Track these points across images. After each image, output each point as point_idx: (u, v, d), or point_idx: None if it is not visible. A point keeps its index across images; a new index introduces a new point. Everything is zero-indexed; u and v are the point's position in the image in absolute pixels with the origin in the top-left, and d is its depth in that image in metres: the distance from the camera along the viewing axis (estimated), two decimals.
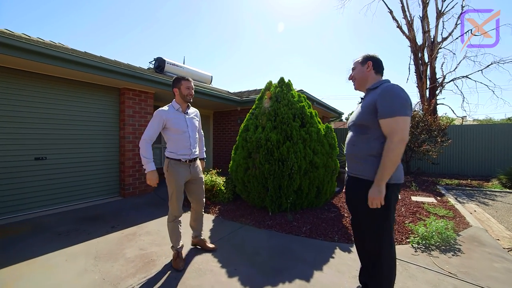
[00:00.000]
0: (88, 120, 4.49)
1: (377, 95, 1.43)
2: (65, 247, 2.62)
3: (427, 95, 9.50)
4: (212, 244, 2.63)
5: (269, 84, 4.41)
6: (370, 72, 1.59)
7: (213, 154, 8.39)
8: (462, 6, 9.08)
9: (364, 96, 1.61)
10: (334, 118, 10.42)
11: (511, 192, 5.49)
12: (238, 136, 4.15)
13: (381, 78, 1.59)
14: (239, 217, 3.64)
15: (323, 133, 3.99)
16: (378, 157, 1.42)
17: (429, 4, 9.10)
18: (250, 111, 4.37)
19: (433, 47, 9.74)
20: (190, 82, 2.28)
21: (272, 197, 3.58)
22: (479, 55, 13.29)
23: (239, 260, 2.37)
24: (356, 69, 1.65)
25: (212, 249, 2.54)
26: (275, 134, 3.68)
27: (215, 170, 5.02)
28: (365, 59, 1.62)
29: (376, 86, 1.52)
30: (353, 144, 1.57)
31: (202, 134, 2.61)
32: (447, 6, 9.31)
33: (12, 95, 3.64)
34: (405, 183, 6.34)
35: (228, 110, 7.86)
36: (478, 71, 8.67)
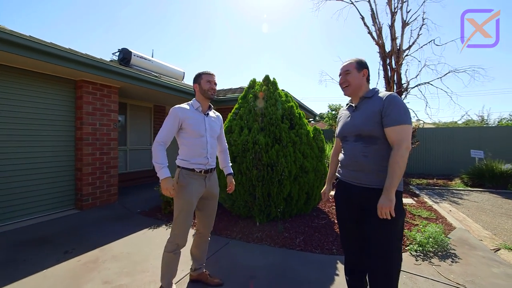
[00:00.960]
0: (33, 118, 3.66)
1: (381, 104, 1.42)
2: None
3: None
4: (216, 278, 2.07)
5: (253, 82, 4.08)
6: (364, 80, 1.56)
7: None
8: (423, 19, 9.82)
9: (358, 105, 1.56)
10: (309, 120, 10.52)
11: (473, 190, 5.96)
12: None
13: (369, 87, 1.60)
14: (223, 230, 3.23)
15: (311, 135, 3.79)
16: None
17: (397, 13, 9.61)
18: (232, 110, 3.98)
19: (399, 54, 10.31)
20: (212, 75, 1.88)
21: (261, 206, 3.25)
22: (437, 65, 14.79)
23: None
24: (352, 74, 1.56)
25: (218, 285, 2.01)
26: (263, 137, 3.36)
27: None
28: (361, 65, 1.56)
29: (372, 95, 1.51)
30: (365, 156, 1.47)
31: (226, 142, 2.18)
32: (410, 17, 9.94)
33: None
34: None
35: None
36: (438, 78, 9.42)
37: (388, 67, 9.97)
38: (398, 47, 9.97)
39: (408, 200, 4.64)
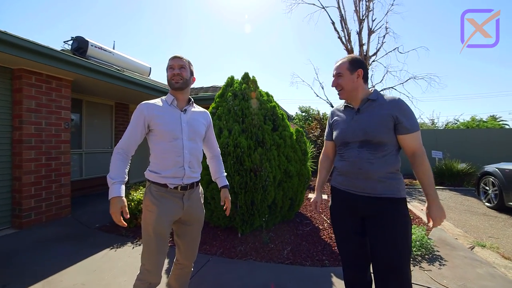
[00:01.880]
0: None
1: (390, 108, 1.33)
2: None
3: None
4: None
5: (231, 80, 3.77)
6: (360, 81, 1.42)
7: None
8: (386, 28, 10.49)
9: (361, 108, 1.41)
10: None
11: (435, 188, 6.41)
12: None
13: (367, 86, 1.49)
14: (201, 244, 2.85)
15: (294, 137, 3.61)
16: (396, 173, 1.34)
17: (364, 21, 10.09)
18: (209, 110, 3.62)
19: (366, 59, 10.82)
20: (174, 59, 1.45)
21: (244, 215, 2.95)
22: (399, 71, 16.19)
23: None
24: (345, 77, 1.42)
25: None
26: (245, 139, 3.07)
27: None
28: (354, 66, 1.41)
29: (376, 97, 1.39)
30: (370, 163, 1.34)
31: (218, 146, 1.75)
32: (376, 25, 10.54)
33: None
34: None
35: None
36: (400, 83, 10.12)
37: None
38: (365, 53, 10.50)
39: None
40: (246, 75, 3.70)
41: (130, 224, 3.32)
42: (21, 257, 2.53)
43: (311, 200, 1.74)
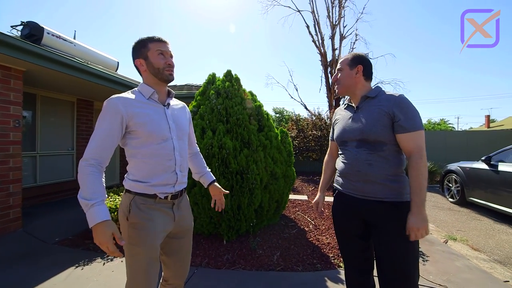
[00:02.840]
0: None
1: (389, 106, 1.26)
2: None
3: (334, 105, 10.97)
4: None
5: (213, 77, 3.57)
6: (359, 78, 1.37)
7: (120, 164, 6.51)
8: (356, 35, 11.08)
9: (360, 105, 1.37)
10: None
11: None
12: None
13: (370, 84, 1.43)
14: None
15: (279, 138, 3.53)
16: (398, 175, 1.28)
17: (337, 26, 10.52)
18: (190, 108, 3.37)
19: (337, 64, 11.28)
20: (166, 44, 1.20)
21: (230, 221, 2.77)
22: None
23: None
24: (344, 71, 1.40)
25: None
26: (230, 140, 2.90)
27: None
28: (355, 62, 1.38)
29: (375, 94, 1.34)
30: (369, 164, 1.29)
31: (195, 141, 1.55)
32: (347, 32, 11.07)
33: None
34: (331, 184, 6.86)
35: None
36: None
37: (330, 75, 10.82)
38: (337, 57, 10.95)
39: None
40: (228, 73, 3.53)
41: None
42: None
43: (313, 201, 1.67)
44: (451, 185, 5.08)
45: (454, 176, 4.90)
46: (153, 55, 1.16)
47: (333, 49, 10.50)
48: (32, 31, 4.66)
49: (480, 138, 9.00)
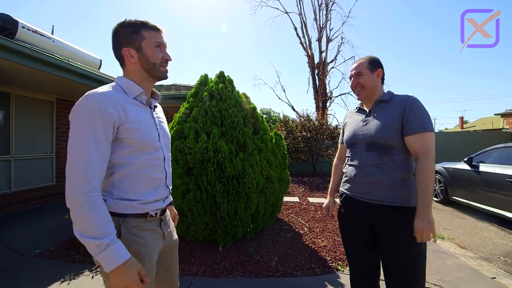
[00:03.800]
0: None
1: (401, 109, 1.27)
2: None
3: (321, 106, 11.15)
4: None
5: (205, 78, 3.48)
6: (379, 81, 1.40)
7: None
8: (342, 38, 11.33)
9: (373, 109, 1.38)
10: None
11: None
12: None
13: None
14: (179, 264, 2.50)
15: (274, 141, 3.50)
16: (406, 180, 1.27)
17: (324, 29, 10.69)
18: (181, 110, 3.26)
19: (325, 66, 11.44)
20: (162, 33, 1.01)
21: (227, 227, 2.69)
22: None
23: None
24: (365, 76, 1.39)
25: None
26: (226, 143, 2.83)
27: None
28: (374, 65, 1.39)
29: (389, 98, 1.35)
30: (378, 167, 1.29)
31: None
32: (333, 35, 11.29)
33: None
34: (318, 184, 6.95)
35: None
36: None
37: (317, 76, 10.99)
38: (324, 60, 11.13)
39: None
40: (221, 74, 3.45)
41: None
42: None
43: (323, 205, 1.66)
44: (435, 185, 5.31)
45: (438, 176, 5.12)
46: (149, 46, 0.96)
47: (320, 52, 10.67)
48: (5, 24, 4.28)
49: (456, 139, 9.53)
